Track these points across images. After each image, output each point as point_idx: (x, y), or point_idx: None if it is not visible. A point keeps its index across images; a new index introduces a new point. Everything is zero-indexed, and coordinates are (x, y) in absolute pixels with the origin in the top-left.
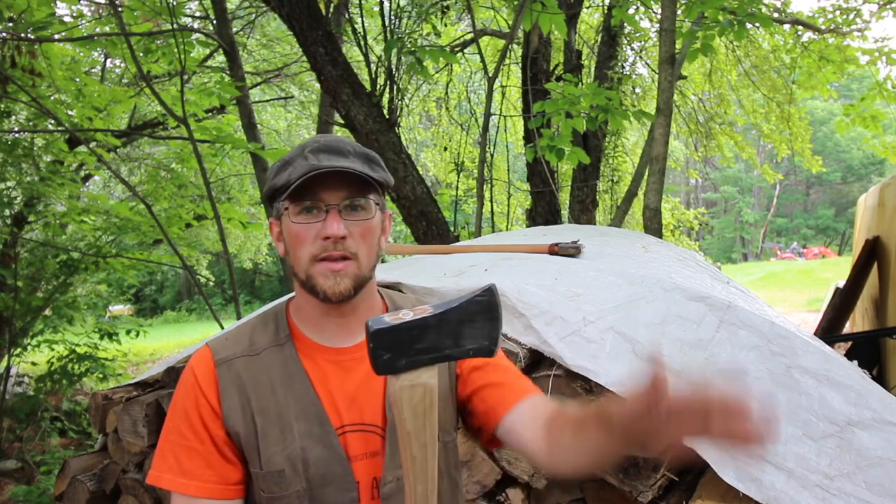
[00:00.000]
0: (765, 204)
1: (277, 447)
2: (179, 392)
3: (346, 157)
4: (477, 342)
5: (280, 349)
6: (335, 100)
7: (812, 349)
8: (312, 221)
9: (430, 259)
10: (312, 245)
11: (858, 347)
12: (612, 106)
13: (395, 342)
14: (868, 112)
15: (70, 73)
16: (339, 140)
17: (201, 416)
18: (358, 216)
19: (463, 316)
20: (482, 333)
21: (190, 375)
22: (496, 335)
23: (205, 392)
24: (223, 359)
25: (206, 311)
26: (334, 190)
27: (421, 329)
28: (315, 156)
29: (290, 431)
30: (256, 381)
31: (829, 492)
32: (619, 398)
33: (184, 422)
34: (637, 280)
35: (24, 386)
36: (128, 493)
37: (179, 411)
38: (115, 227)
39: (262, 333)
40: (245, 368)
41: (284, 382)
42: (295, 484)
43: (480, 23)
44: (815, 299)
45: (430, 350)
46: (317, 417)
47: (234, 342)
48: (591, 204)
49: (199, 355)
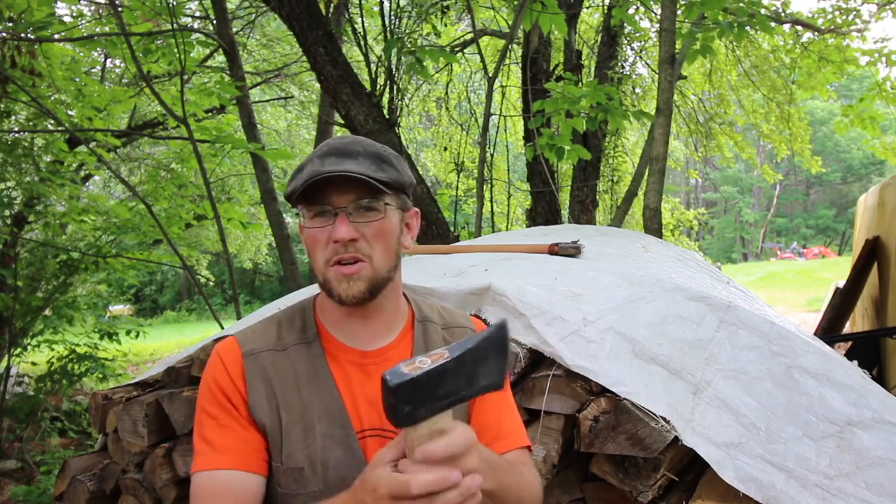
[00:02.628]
0: (765, 204)
1: (299, 444)
2: (207, 377)
3: (355, 158)
4: (490, 378)
5: (307, 347)
6: (335, 100)
7: (812, 349)
8: (324, 225)
9: (430, 259)
10: (325, 249)
11: (858, 347)
12: (611, 105)
13: (417, 393)
14: (867, 113)
15: (70, 73)
16: (351, 142)
17: (229, 397)
18: (369, 217)
19: (478, 356)
20: (494, 369)
21: (217, 362)
22: (505, 369)
23: (233, 378)
24: (250, 351)
25: (206, 311)
26: (342, 193)
27: (440, 376)
28: (322, 160)
29: (312, 431)
30: (282, 377)
31: (829, 492)
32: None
33: (213, 403)
34: (637, 280)
35: (24, 386)
36: (128, 493)
37: (207, 395)
38: (115, 227)
39: (289, 329)
40: (271, 363)
41: (310, 381)
42: (313, 484)
43: (480, 23)
44: (815, 299)
45: (448, 395)
46: (339, 420)
47: (261, 336)
48: (591, 204)
49: (226, 345)
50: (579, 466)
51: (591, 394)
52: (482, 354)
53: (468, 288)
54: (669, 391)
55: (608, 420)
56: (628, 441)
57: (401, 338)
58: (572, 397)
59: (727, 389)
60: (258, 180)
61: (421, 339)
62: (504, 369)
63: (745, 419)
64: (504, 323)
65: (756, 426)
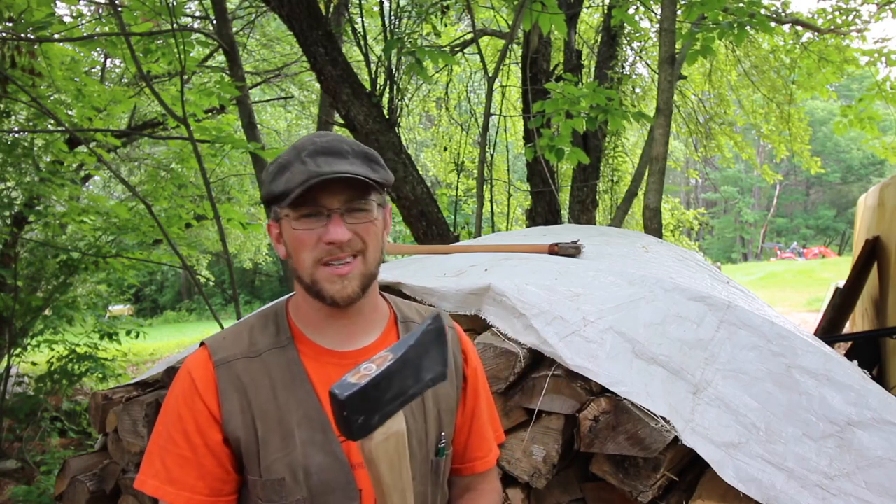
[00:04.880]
0: (765, 204)
1: (278, 454)
2: (173, 395)
3: (346, 157)
4: (433, 371)
5: (282, 351)
6: (335, 100)
7: (812, 349)
8: (314, 227)
9: (430, 259)
10: (315, 249)
11: (858, 347)
12: (611, 106)
13: (368, 401)
14: (865, 114)
15: (70, 73)
16: (336, 140)
17: (197, 423)
18: (360, 218)
19: (421, 350)
20: (437, 361)
21: (186, 379)
22: (446, 357)
23: (203, 396)
24: (222, 359)
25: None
26: (335, 194)
27: (388, 379)
28: (314, 160)
29: (291, 438)
30: (257, 384)
31: (829, 492)
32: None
33: (176, 428)
34: (637, 280)
35: (24, 386)
36: (128, 493)
37: (172, 416)
38: (115, 227)
39: (262, 334)
40: (245, 370)
41: (287, 386)
42: (295, 493)
43: (480, 23)
44: (815, 299)
45: (397, 396)
46: (319, 424)
47: (233, 343)
48: (591, 204)
49: (196, 357)
50: (579, 466)
51: (591, 394)
52: (424, 349)
53: (468, 288)
54: (669, 391)
55: (608, 420)
56: (628, 441)
57: (384, 337)
58: (572, 397)
59: (727, 389)
60: (258, 180)
61: None
62: (445, 358)
63: (745, 419)
64: (438, 313)
65: (756, 426)
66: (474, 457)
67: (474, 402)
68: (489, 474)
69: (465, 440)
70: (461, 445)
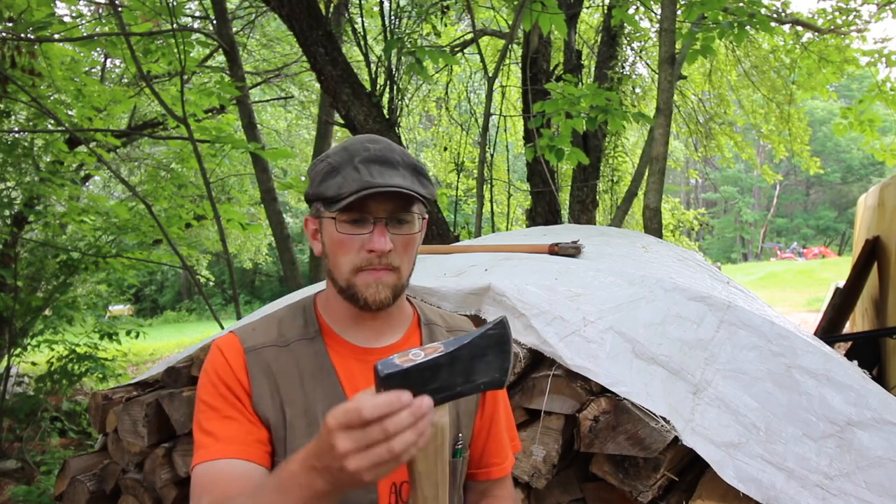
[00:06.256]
0: (765, 204)
1: (304, 440)
2: (208, 369)
3: (397, 169)
4: (488, 375)
5: (310, 343)
6: (335, 100)
7: (812, 349)
8: (358, 233)
9: (430, 259)
10: (357, 255)
11: (858, 347)
12: (611, 107)
13: (409, 385)
14: (865, 116)
15: (70, 73)
16: (388, 149)
17: (232, 389)
18: (403, 230)
19: (475, 352)
20: (494, 367)
21: (219, 356)
22: (508, 366)
23: (235, 371)
24: (252, 347)
25: (206, 311)
26: (382, 203)
27: (433, 370)
28: (367, 168)
29: (316, 426)
30: (285, 372)
31: (829, 492)
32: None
33: (214, 395)
34: (637, 280)
35: (24, 386)
36: (128, 493)
37: (209, 387)
38: (115, 227)
39: (290, 326)
40: (274, 359)
41: (314, 376)
42: None
43: (480, 23)
44: (815, 299)
45: (442, 389)
46: None
47: (263, 332)
48: (591, 204)
49: (226, 341)
50: (579, 466)
51: (591, 394)
52: (480, 351)
53: (468, 288)
54: (669, 391)
55: (608, 420)
56: (628, 441)
57: (407, 338)
58: (572, 397)
59: (727, 389)
60: (258, 180)
61: (428, 340)
62: (506, 367)
63: (745, 419)
64: (503, 320)
65: (756, 426)
66: (491, 462)
67: (493, 408)
68: (505, 481)
69: (482, 445)
70: (479, 450)
